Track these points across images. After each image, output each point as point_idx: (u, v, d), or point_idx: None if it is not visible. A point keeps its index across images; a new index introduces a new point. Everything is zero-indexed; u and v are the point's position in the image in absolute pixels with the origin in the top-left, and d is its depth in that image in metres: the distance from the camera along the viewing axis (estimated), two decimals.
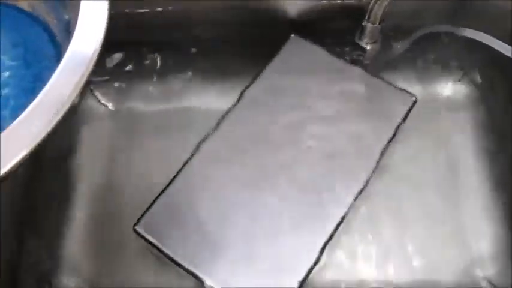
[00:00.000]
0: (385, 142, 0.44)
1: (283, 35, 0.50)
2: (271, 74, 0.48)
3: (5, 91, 0.38)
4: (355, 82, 0.47)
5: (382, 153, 0.43)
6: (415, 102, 0.46)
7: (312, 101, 0.46)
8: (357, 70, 0.48)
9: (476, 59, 0.54)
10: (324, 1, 0.50)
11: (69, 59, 0.29)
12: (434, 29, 0.50)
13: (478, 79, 0.54)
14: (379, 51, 0.51)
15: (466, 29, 0.48)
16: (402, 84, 0.48)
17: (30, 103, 0.28)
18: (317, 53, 0.49)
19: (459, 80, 0.55)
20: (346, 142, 0.44)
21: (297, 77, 0.48)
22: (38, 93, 0.29)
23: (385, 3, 0.44)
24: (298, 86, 0.47)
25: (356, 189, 0.41)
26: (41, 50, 0.41)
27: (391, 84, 0.47)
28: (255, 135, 0.45)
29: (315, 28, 0.52)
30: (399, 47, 0.52)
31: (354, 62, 0.50)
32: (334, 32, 0.52)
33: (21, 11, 0.42)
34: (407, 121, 0.46)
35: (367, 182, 0.42)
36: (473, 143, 0.52)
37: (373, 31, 0.48)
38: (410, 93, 0.47)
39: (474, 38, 0.47)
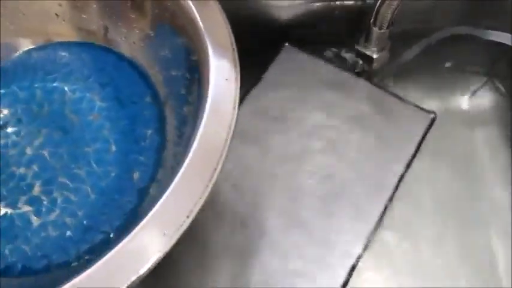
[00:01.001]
0: (399, 174, 0.36)
1: (275, 44, 0.43)
2: (261, 93, 0.40)
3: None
4: (360, 98, 0.40)
5: (395, 189, 0.36)
6: (433, 121, 0.39)
7: (310, 125, 0.39)
8: (362, 83, 0.41)
9: (500, 64, 0.47)
10: (320, 3, 0.43)
11: (199, 151, 0.26)
12: (452, 32, 0.44)
13: (502, 87, 0.47)
14: (388, 60, 0.44)
15: (488, 31, 0.41)
16: (415, 96, 0.42)
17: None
18: (315, 65, 0.42)
19: (480, 89, 0.47)
20: (353, 177, 0.36)
21: (291, 95, 0.41)
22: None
23: (395, 3, 0.36)
24: (293, 107, 0.40)
25: (363, 235, 0.34)
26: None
27: (404, 100, 0.40)
28: (246, 171, 0.37)
29: (311, 36, 0.44)
30: (410, 54, 0.45)
31: (358, 73, 0.43)
32: (333, 40, 0.45)
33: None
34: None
35: (377, 224, 0.34)
36: (500, 161, 0.44)
37: (380, 37, 0.41)
38: (427, 111, 0.39)
39: (497, 40, 0.41)
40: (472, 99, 0.47)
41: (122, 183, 0.36)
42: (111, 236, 0.34)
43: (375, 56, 0.42)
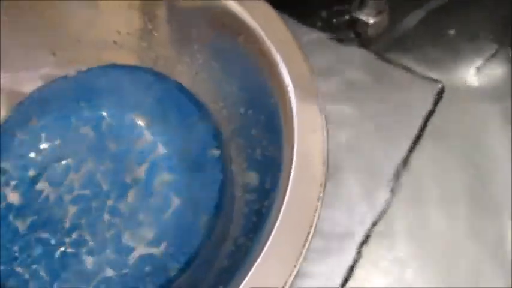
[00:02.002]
0: (404, 154, 0.34)
1: None
2: None
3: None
4: (358, 69, 0.37)
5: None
6: (441, 91, 0.36)
7: None
8: (358, 52, 0.37)
9: None
10: None
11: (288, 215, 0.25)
12: None
13: None
14: (386, 26, 0.40)
15: None
16: (417, 69, 0.38)
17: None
18: (303, 34, 0.38)
19: (491, 59, 0.41)
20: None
21: None
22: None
23: None
24: None
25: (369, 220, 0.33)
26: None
27: (407, 69, 0.37)
28: None
29: None
30: (411, 20, 0.41)
31: (351, 41, 0.39)
32: (324, 2, 0.40)
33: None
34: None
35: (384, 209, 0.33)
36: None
37: None
38: (434, 80, 0.36)
39: None
40: (481, 71, 0.41)
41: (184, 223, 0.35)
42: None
43: (370, 21, 0.38)
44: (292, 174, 0.25)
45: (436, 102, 0.37)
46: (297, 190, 0.25)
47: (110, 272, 0.33)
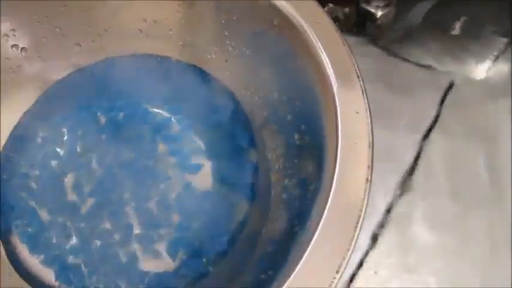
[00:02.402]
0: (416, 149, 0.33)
1: None
2: None
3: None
4: (365, 62, 0.36)
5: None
6: (451, 86, 0.36)
7: None
8: (366, 45, 0.37)
9: None
10: None
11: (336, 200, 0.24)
12: None
13: None
14: (393, 20, 0.39)
15: None
16: (424, 62, 0.38)
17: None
18: None
19: (501, 54, 0.41)
20: None
21: None
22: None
23: None
24: None
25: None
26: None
27: (414, 62, 0.37)
28: None
29: None
30: (418, 12, 0.40)
31: (358, 34, 0.38)
32: None
33: None
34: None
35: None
36: None
37: None
38: (443, 74, 0.36)
39: None
40: (491, 66, 0.40)
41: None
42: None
43: (378, 14, 0.38)
44: (338, 157, 0.25)
45: (445, 96, 0.37)
46: (344, 173, 0.25)
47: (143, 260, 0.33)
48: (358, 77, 0.27)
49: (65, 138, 0.38)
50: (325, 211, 0.24)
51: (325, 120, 0.27)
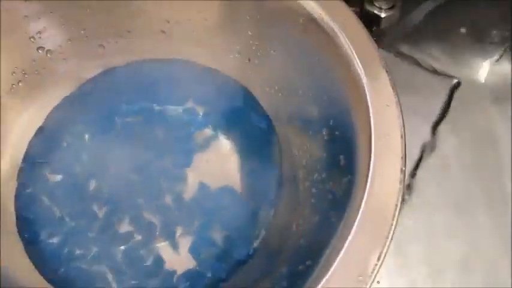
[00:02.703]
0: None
1: None
2: None
3: None
4: None
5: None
6: (456, 86, 0.36)
7: None
8: None
9: None
10: None
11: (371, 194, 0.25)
12: None
13: None
14: (398, 19, 0.39)
15: None
16: (427, 64, 0.39)
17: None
18: None
19: (502, 56, 0.41)
20: None
21: None
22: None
23: None
24: None
25: None
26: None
27: (418, 64, 0.37)
28: None
29: None
30: (421, 12, 0.41)
31: None
32: None
33: None
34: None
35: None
36: None
37: None
38: (448, 76, 0.37)
39: None
40: (490, 70, 0.41)
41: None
42: None
43: (382, 15, 0.38)
44: (373, 149, 0.25)
45: (451, 98, 0.37)
46: (379, 165, 0.25)
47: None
48: (387, 71, 0.28)
49: (87, 142, 0.38)
50: (363, 203, 0.24)
51: (355, 114, 0.28)
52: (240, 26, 0.35)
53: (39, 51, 0.36)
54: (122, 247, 0.34)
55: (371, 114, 0.27)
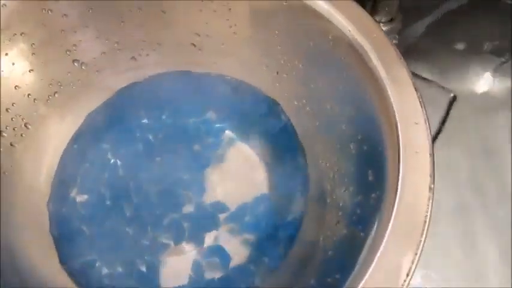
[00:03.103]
0: None
1: None
2: None
3: None
4: None
5: None
6: (452, 101, 0.37)
7: None
8: None
9: None
10: None
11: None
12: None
13: None
14: (398, 33, 0.40)
15: None
16: (426, 77, 0.39)
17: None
18: None
19: (499, 69, 0.42)
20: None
21: None
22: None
23: None
24: None
25: None
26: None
27: (417, 76, 0.38)
28: None
29: None
30: (421, 25, 0.41)
31: None
32: None
33: None
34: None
35: None
36: None
37: (389, 5, 0.37)
38: (445, 89, 0.38)
39: None
40: (490, 80, 0.42)
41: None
42: None
43: (383, 29, 0.38)
44: (401, 166, 0.26)
45: (448, 111, 0.38)
46: (408, 182, 0.26)
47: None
48: (415, 88, 0.28)
49: (112, 159, 0.39)
50: (391, 219, 0.25)
51: (384, 130, 0.28)
52: (269, 40, 0.36)
53: (75, 63, 0.37)
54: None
55: (400, 131, 0.27)
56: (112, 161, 0.39)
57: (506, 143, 0.40)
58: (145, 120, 0.40)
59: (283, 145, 0.38)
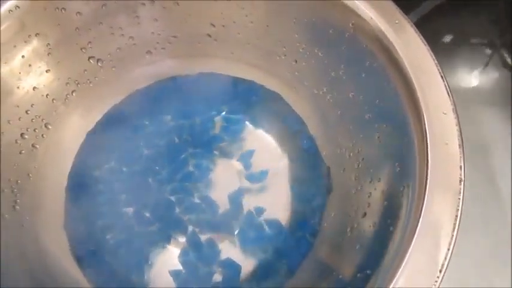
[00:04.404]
0: None
1: None
2: None
3: None
4: None
5: None
6: None
7: None
8: None
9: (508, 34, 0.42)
10: None
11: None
12: None
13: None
14: None
15: None
16: None
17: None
18: None
19: (487, 64, 0.42)
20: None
21: None
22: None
23: None
24: None
25: None
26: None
27: None
28: None
29: None
30: (410, 19, 0.40)
31: None
32: None
33: None
34: None
35: None
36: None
37: None
38: None
39: None
40: (478, 76, 0.42)
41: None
42: None
43: None
44: (429, 157, 0.25)
45: None
46: (437, 174, 0.25)
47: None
48: (442, 77, 0.28)
49: (131, 155, 0.39)
50: (422, 212, 0.24)
51: (410, 121, 0.28)
52: (286, 29, 0.35)
53: (91, 60, 0.37)
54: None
55: (427, 122, 0.26)
56: (131, 156, 0.38)
57: (495, 137, 0.40)
58: (165, 118, 0.39)
59: (300, 138, 0.37)
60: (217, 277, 0.34)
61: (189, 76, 0.40)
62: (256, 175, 0.37)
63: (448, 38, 0.42)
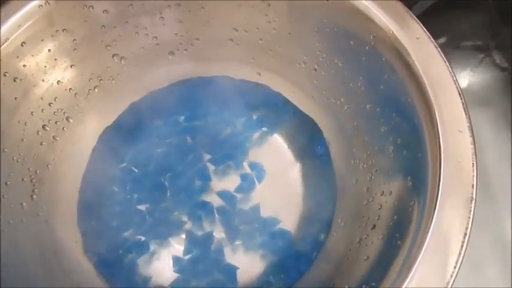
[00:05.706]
0: None
1: None
2: None
3: None
4: None
5: None
6: None
7: None
8: None
9: (500, 36, 0.41)
10: None
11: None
12: None
13: (503, 61, 0.42)
14: None
15: None
16: None
17: None
18: None
19: (479, 65, 0.42)
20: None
21: None
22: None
23: None
24: None
25: None
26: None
27: None
28: None
29: None
30: None
31: None
32: None
33: None
34: None
35: None
36: (503, 143, 0.40)
37: None
38: None
39: None
40: (470, 77, 0.42)
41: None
42: None
43: None
44: (442, 174, 0.25)
45: None
46: (448, 191, 0.25)
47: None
48: (460, 94, 0.28)
49: (148, 153, 0.40)
50: (431, 227, 0.24)
51: (426, 136, 0.28)
52: (308, 37, 0.35)
53: (114, 58, 0.37)
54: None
55: (442, 139, 0.26)
56: (148, 155, 0.39)
57: (487, 139, 0.40)
58: (181, 118, 0.40)
59: (313, 145, 0.38)
60: (216, 278, 0.35)
61: (206, 78, 0.40)
62: (264, 179, 0.37)
63: (441, 40, 0.42)
